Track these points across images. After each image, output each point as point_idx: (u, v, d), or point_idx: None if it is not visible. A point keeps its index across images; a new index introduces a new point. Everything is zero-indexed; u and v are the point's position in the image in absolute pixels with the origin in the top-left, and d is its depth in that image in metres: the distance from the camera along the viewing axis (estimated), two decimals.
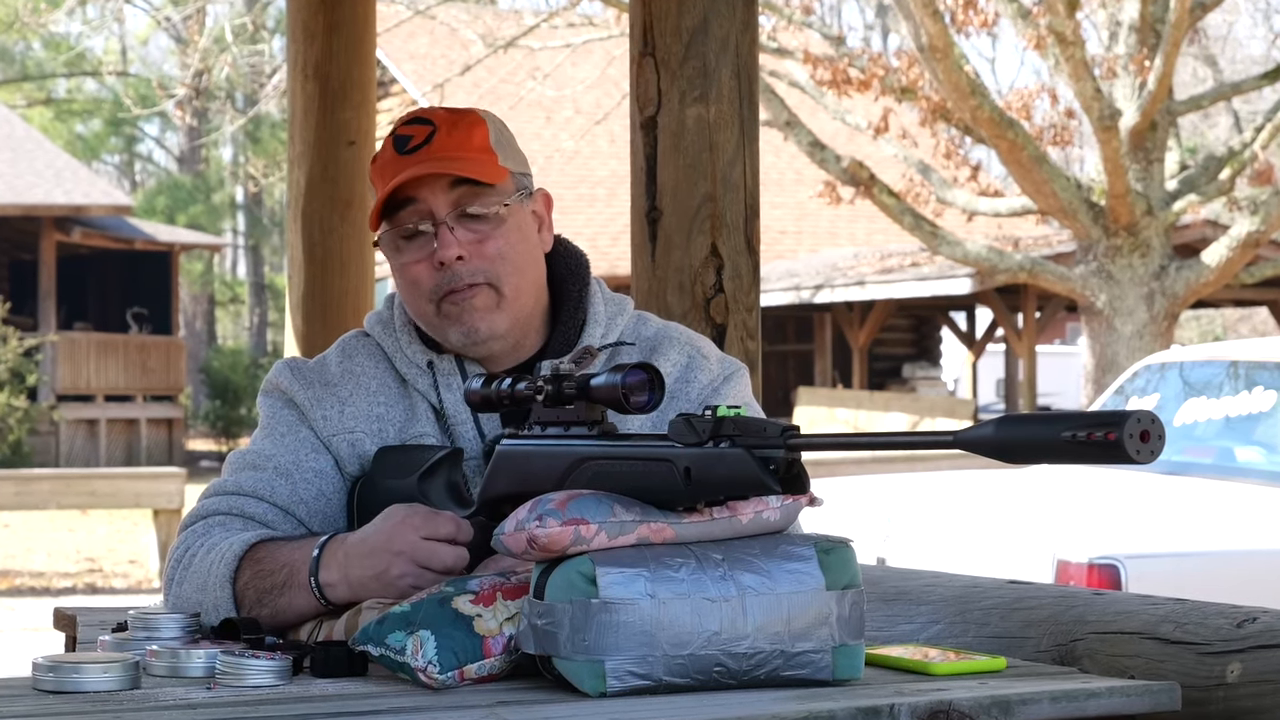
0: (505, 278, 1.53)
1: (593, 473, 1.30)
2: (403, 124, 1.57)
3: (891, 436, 1.30)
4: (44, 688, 1.26)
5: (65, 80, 28.69)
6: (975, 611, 1.63)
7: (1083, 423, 1.13)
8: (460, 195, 1.52)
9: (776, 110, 10.73)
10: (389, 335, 1.60)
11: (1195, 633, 1.42)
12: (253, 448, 1.59)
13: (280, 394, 1.59)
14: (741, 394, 1.61)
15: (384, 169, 1.54)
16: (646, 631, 1.22)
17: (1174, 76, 10.09)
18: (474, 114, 1.58)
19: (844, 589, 1.27)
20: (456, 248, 1.52)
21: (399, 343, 1.59)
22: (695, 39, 2.05)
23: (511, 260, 1.54)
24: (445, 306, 1.53)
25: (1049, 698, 1.25)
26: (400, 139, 1.55)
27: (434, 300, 1.54)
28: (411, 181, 1.52)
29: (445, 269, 1.52)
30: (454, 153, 1.53)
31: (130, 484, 8.95)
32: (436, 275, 1.53)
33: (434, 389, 1.56)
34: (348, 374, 1.59)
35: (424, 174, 1.51)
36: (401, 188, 1.52)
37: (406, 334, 1.60)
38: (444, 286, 1.52)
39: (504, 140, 1.57)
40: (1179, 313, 10.12)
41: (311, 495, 1.55)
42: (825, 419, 13.57)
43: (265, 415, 1.60)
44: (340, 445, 1.55)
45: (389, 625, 1.28)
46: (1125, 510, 4.34)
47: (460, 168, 1.52)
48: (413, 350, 1.58)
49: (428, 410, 1.56)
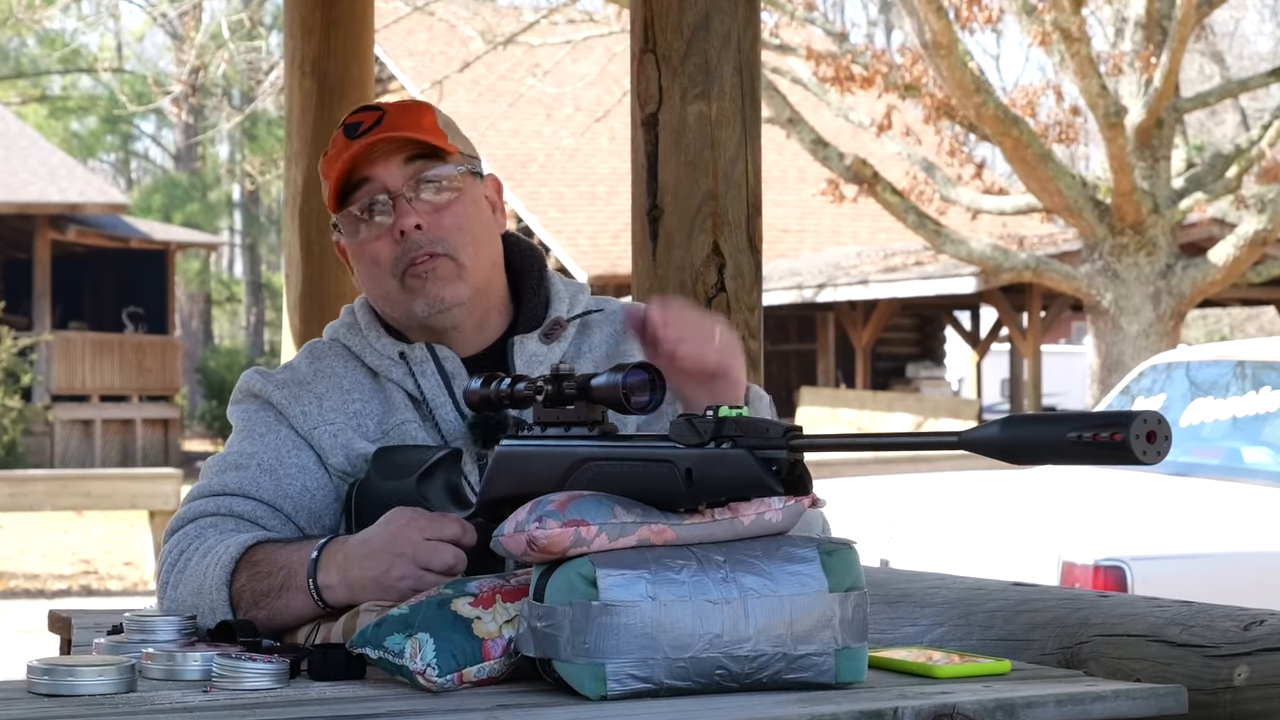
0: (463, 247, 1.56)
1: (593, 474, 1.29)
2: (350, 115, 1.60)
3: (895, 437, 1.29)
4: (39, 691, 1.25)
5: (60, 77, 28.66)
6: (980, 614, 1.63)
7: (1088, 423, 1.13)
8: (415, 169, 1.56)
9: (779, 107, 10.72)
10: (354, 335, 1.62)
11: (1202, 635, 1.41)
12: (231, 450, 1.59)
13: (254, 398, 1.61)
14: None
15: (336, 156, 1.58)
16: (647, 634, 1.21)
17: (1180, 73, 10.08)
18: (423, 101, 1.64)
19: (847, 591, 1.27)
20: (415, 217, 1.55)
21: (366, 339, 1.61)
22: (697, 35, 2.04)
23: (469, 231, 1.57)
24: (408, 280, 1.56)
25: (1054, 701, 1.24)
26: (350, 126, 1.59)
27: (396, 275, 1.56)
28: (365, 161, 1.55)
29: (405, 239, 1.55)
30: (404, 128, 1.57)
31: (126, 485, 8.93)
32: (396, 248, 1.56)
33: (409, 376, 1.58)
34: (319, 373, 1.60)
35: (379, 140, 1.55)
36: (355, 168, 1.56)
37: (373, 331, 1.62)
38: (405, 258, 1.55)
39: (451, 126, 1.62)
40: (1185, 312, 10.10)
41: (296, 490, 1.55)
42: (828, 419, 13.57)
43: (240, 421, 1.60)
44: (322, 438, 1.56)
45: (387, 628, 1.28)
46: (1131, 512, 4.33)
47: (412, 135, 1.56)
48: (382, 344, 1.60)
49: (405, 399, 1.58)
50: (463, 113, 16.05)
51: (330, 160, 1.58)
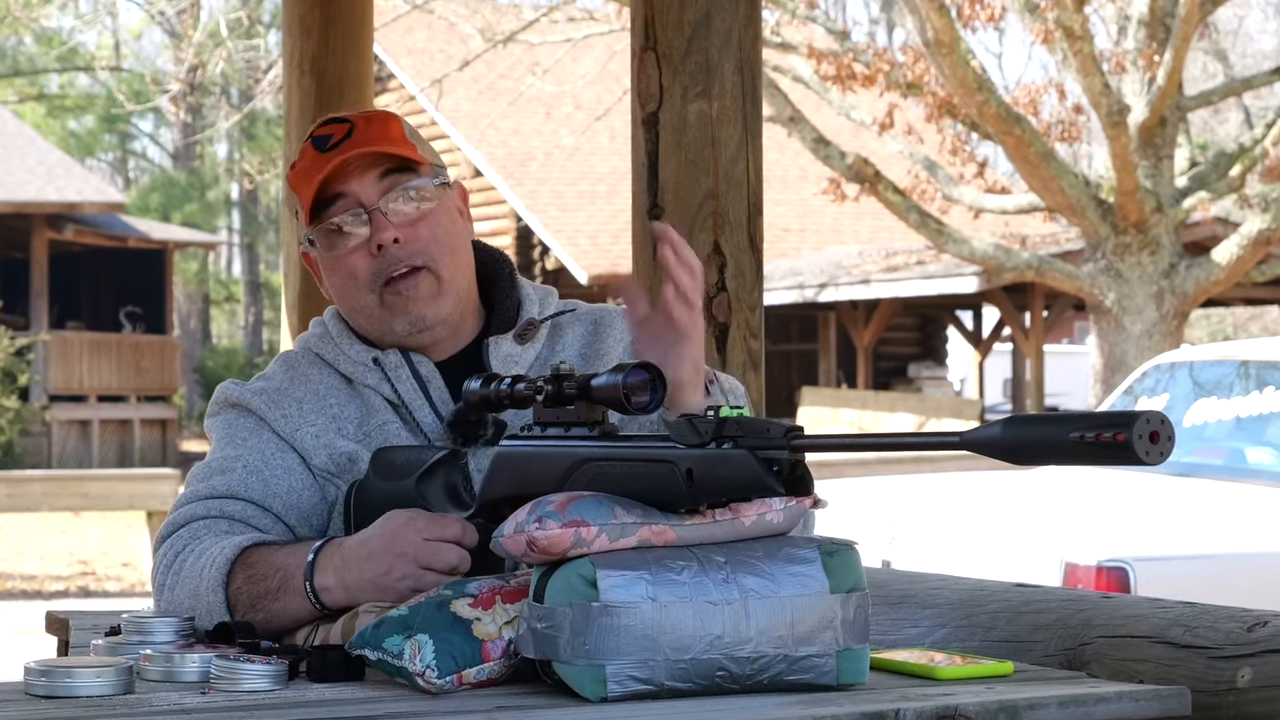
0: (441, 259, 1.57)
1: (593, 474, 1.29)
2: (318, 127, 1.60)
3: (897, 437, 1.29)
4: (36, 693, 1.24)
5: (57, 76, 28.62)
6: (982, 615, 1.62)
7: (1091, 423, 1.12)
8: (389, 183, 1.56)
9: (780, 106, 10.72)
10: (326, 343, 1.62)
11: (1205, 637, 1.41)
12: (215, 456, 1.59)
13: (232, 407, 1.60)
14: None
15: (307, 170, 1.57)
16: (648, 635, 1.21)
17: (1184, 71, 10.07)
18: (388, 112, 1.64)
19: (848, 592, 1.26)
20: (392, 230, 1.55)
21: (339, 347, 1.61)
22: (698, 33, 2.04)
23: (445, 243, 1.57)
24: (388, 297, 1.56)
25: (1057, 703, 1.23)
26: (319, 139, 1.58)
27: (374, 290, 1.56)
28: (339, 176, 1.55)
29: (382, 253, 1.55)
30: (376, 142, 1.56)
31: (124, 485, 8.90)
32: (373, 262, 1.56)
33: (385, 382, 1.58)
34: (295, 380, 1.60)
35: (353, 155, 1.55)
36: (329, 183, 1.55)
37: (345, 339, 1.62)
38: (383, 273, 1.55)
39: (417, 136, 1.62)
40: (1189, 312, 10.09)
41: (284, 490, 1.55)
42: (829, 419, 13.56)
43: (220, 430, 1.60)
44: (304, 439, 1.56)
45: (386, 629, 1.27)
46: (1134, 512, 4.32)
47: (386, 149, 1.56)
48: (355, 350, 1.60)
49: (382, 402, 1.58)
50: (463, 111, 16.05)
51: (301, 174, 1.58)
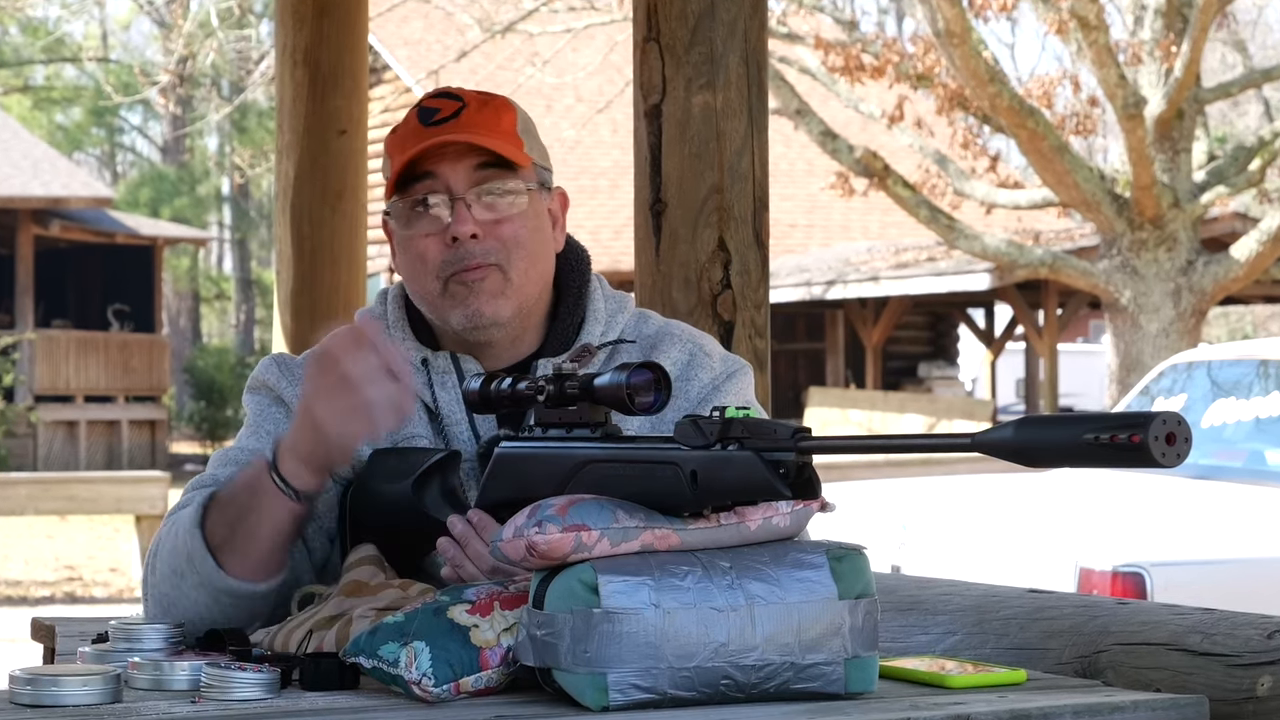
0: (515, 262, 1.52)
1: (595, 476, 1.27)
2: (430, 98, 1.55)
3: (907, 439, 1.27)
4: (21, 701, 1.23)
5: (43, 67, 28.61)
6: (994, 622, 1.61)
7: (1106, 424, 1.11)
8: (482, 176, 1.51)
9: (786, 98, 10.68)
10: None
11: (1224, 644, 1.39)
12: (238, 444, 1.57)
13: (267, 390, 1.58)
14: (744, 392, 1.59)
15: (405, 139, 1.53)
16: (651, 643, 1.19)
17: (1202, 62, 10.01)
18: (504, 99, 1.57)
19: (857, 598, 1.25)
20: (472, 225, 1.50)
21: (392, 339, 1.57)
22: (702, 24, 2.02)
23: (525, 247, 1.53)
24: (452, 286, 1.52)
25: (1071, 712, 1.22)
26: (426, 110, 1.53)
27: (441, 278, 1.52)
28: (433, 155, 1.50)
29: (457, 245, 1.51)
30: (481, 130, 1.51)
31: (111, 488, 8.79)
32: (446, 251, 1.51)
33: (428, 388, 1.54)
34: None
35: (450, 141, 1.50)
36: (421, 160, 1.51)
37: (400, 330, 1.58)
38: (453, 264, 1.51)
39: (530, 130, 1.56)
40: (1207, 309, 10.03)
41: None
42: (838, 420, 13.55)
43: (252, 412, 1.58)
44: None
45: (381, 636, 1.26)
46: (1151, 516, 4.30)
47: (488, 143, 1.51)
48: (406, 347, 1.56)
49: (421, 410, 1.54)
50: None
51: (396, 141, 1.53)
